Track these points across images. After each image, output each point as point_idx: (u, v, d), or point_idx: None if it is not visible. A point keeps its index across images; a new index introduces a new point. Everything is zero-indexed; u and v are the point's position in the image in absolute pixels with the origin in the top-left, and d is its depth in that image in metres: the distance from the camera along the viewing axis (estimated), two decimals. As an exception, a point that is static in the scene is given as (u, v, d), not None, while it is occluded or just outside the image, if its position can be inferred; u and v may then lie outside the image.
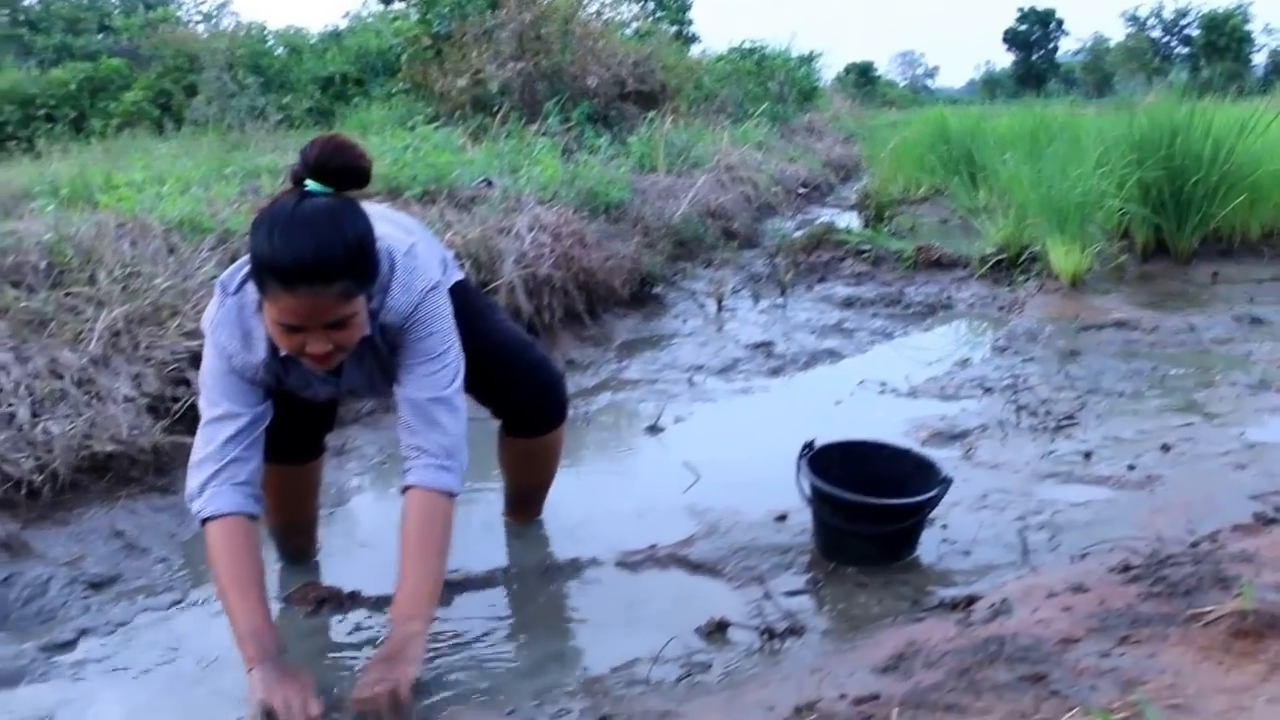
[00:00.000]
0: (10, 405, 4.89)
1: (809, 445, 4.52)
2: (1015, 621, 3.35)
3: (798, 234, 11.32)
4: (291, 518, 4.46)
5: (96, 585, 4.37)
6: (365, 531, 4.94)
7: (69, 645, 3.97)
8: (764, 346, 7.78)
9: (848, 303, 9.09)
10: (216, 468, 3.57)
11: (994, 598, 3.64)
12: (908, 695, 2.95)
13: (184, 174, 8.70)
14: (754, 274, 10.03)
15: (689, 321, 8.70)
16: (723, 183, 12.16)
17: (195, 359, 5.28)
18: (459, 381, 3.76)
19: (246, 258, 3.52)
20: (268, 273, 3.27)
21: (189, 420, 5.24)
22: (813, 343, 7.93)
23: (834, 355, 7.69)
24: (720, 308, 8.97)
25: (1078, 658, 3.01)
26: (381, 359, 3.82)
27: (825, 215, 12.83)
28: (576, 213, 8.73)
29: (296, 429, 4.07)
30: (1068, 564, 4.01)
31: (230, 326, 3.60)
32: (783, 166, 14.54)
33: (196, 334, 5.45)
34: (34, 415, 4.91)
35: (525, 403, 4.35)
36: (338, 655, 3.86)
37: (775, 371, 7.30)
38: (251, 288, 3.52)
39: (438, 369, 3.70)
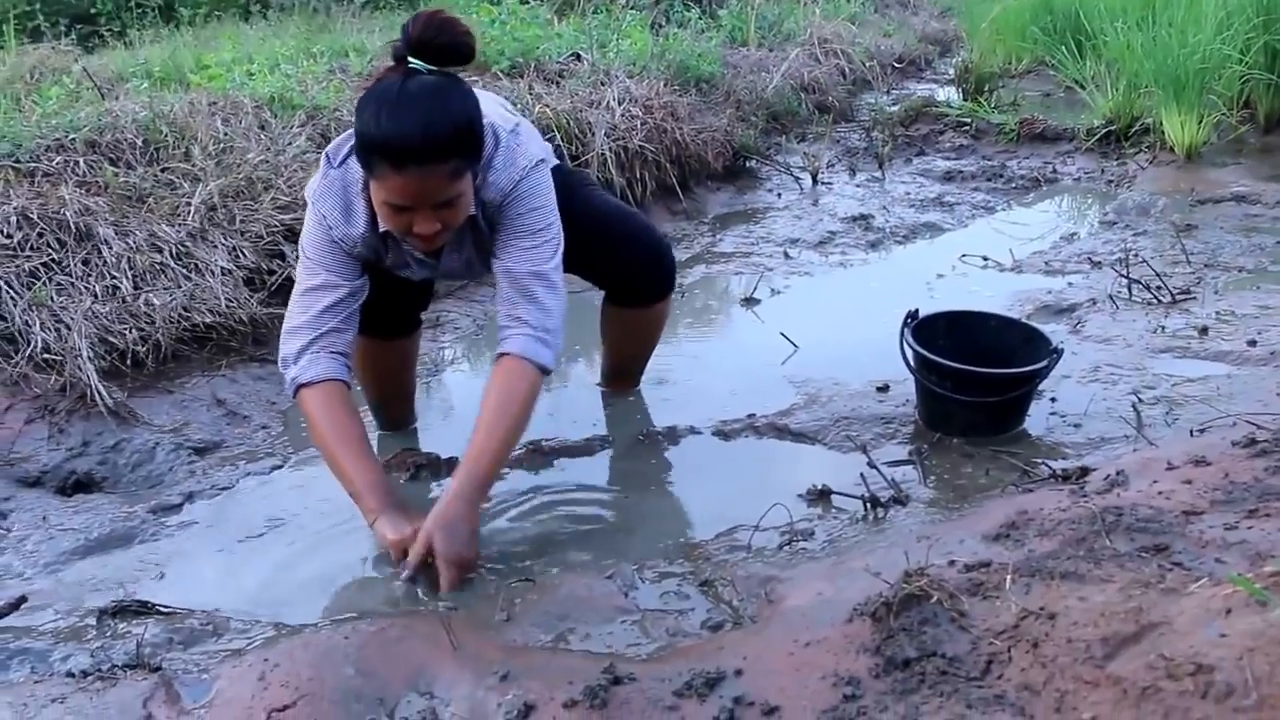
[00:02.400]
0: (113, 278, 4.95)
1: (913, 314, 4.44)
2: (1133, 493, 3.27)
3: (894, 108, 11.14)
4: (389, 389, 4.50)
5: (200, 451, 4.49)
6: (460, 400, 4.95)
7: (176, 508, 4.08)
8: (861, 220, 7.66)
9: (948, 176, 8.92)
10: (312, 336, 3.59)
11: (1109, 469, 3.57)
12: (1021, 563, 2.90)
13: (273, 54, 8.65)
14: (850, 148, 9.88)
15: (784, 195, 8.57)
16: (816, 56, 11.98)
17: (289, 233, 5.38)
18: (558, 259, 3.74)
19: (351, 133, 3.51)
20: (376, 153, 3.27)
21: (284, 293, 5.22)
22: (912, 216, 7.81)
23: (934, 229, 7.58)
24: (816, 181, 8.84)
25: (1201, 530, 2.94)
26: (481, 240, 3.82)
27: (922, 90, 12.62)
28: (667, 86, 8.60)
29: (394, 304, 4.06)
30: (1186, 438, 3.91)
31: (333, 197, 3.61)
32: (877, 41, 14.30)
33: (290, 207, 5.52)
34: (136, 288, 4.97)
35: (631, 272, 4.30)
36: (426, 511, 3.79)
37: (873, 245, 7.21)
38: (354, 161, 3.53)
39: (538, 243, 3.69)
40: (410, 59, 3.36)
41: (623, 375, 4.80)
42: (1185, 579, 2.62)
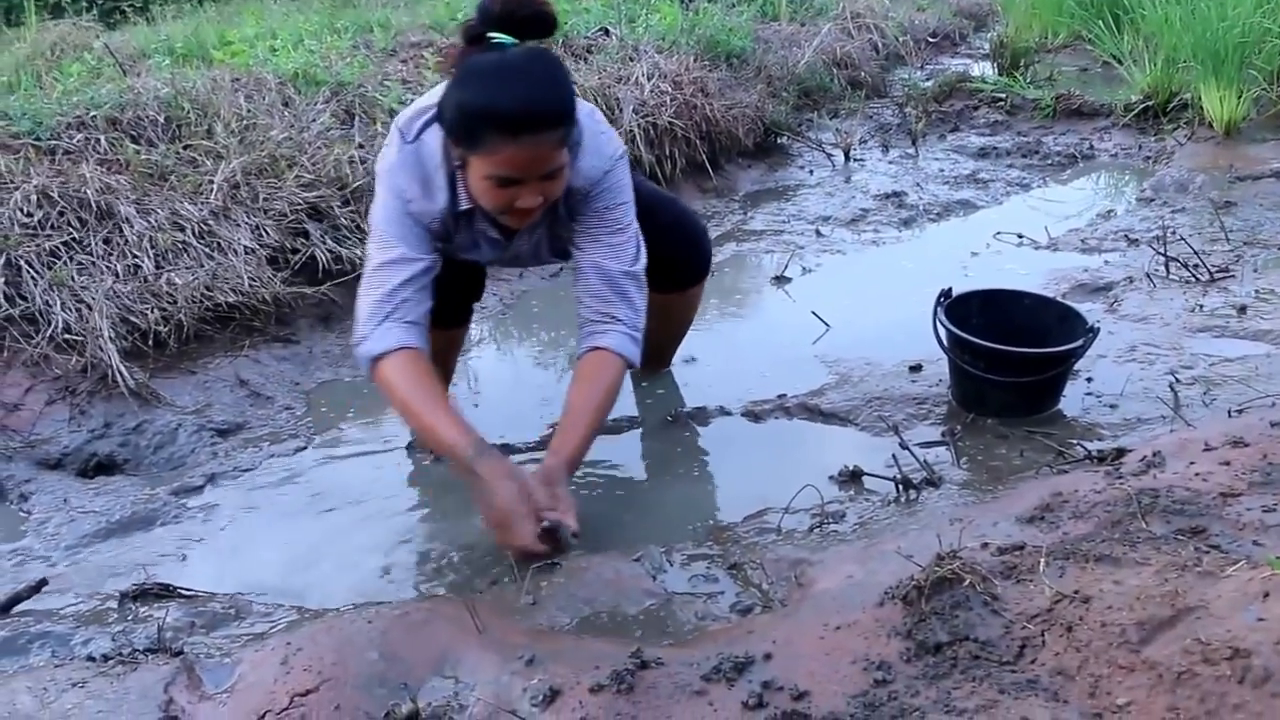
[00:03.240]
0: (135, 257, 4.96)
1: (946, 293, 4.43)
2: (1169, 475, 3.26)
3: (928, 83, 11.07)
4: None
5: (223, 432, 4.52)
6: (487, 382, 4.97)
7: (198, 490, 4.11)
8: (894, 197, 7.61)
9: (982, 153, 8.86)
10: (388, 310, 3.58)
11: (1145, 451, 3.54)
12: (1056, 545, 2.91)
13: (296, 29, 8.65)
14: (883, 124, 9.82)
15: (815, 172, 8.54)
16: (848, 31, 11.90)
17: (313, 211, 5.39)
18: (644, 256, 3.81)
19: (424, 105, 3.58)
20: (488, 124, 3.27)
21: (308, 272, 5.32)
22: (946, 193, 7.76)
23: (968, 206, 7.53)
24: (848, 158, 8.79)
25: (1239, 512, 2.94)
26: (556, 225, 3.85)
27: (957, 65, 12.53)
28: (697, 61, 8.56)
29: (450, 293, 4.02)
30: (1224, 419, 3.87)
31: (409, 171, 3.60)
32: (911, 15, 14.20)
33: (314, 185, 5.57)
34: (158, 267, 4.98)
35: (671, 256, 4.27)
36: (455, 496, 3.89)
37: (907, 222, 7.16)
38: (431, 137, 3.55)
39: (625, 240, 3.76)
40: (492, 34, 3.37)
41: (654, 357, 4.75)
42: (1222, 562, 2.61)
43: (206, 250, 5.14)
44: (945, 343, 4.32)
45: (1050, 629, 2.56)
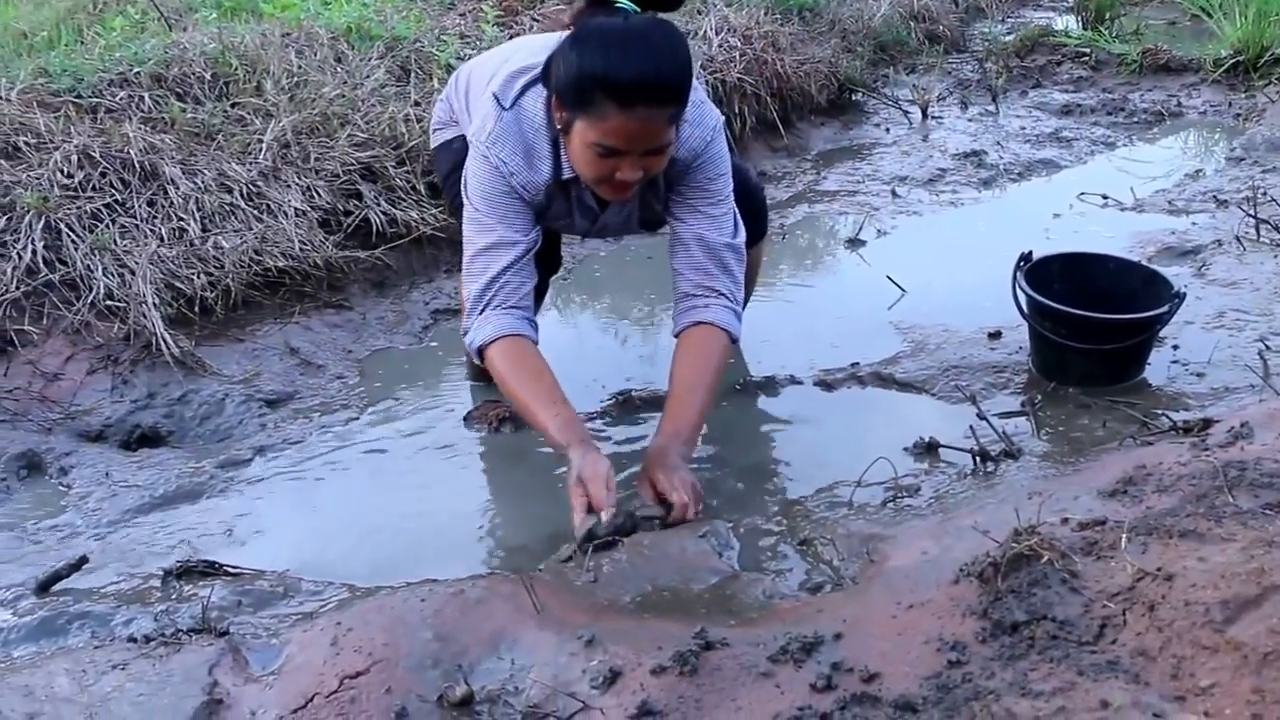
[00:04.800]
0: (180, 220, 4.96)
1: (1026, 257, 4.38)
2: (1257, 446, 3.21)
3: (1009, 37, 10.96)
4: None
5: (272, 403, 4.50)
6: (548, 349, 4.91)
7: (246, 462, 4.10)
8: (974, 156, 7.53)
9: (1065, 110, 8.74)
10: (488, 298, 3.59)
11: (1233, 421, 3.49)
12: (1138, 520, 2.88)
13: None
14: (962, 80, 9.70)
15: (891, 130, 8.44)
16: (928, -19, 11.86)
17: (367, 171, 5.40)
18: (743, 229, 3.81)
19: (518, 68, 3.59)
20: (603, 90, 3.24)
21: (361, 234, 5.31)
22: (1027, 152, 7.67)
23: (1051, 165, 7.44)
24: (926, 115, 8.68)
25: (1335, 486, 2.88)
26: (651, 196, 3.82)
27: (1039, 17, 12.40)
28: (768, 15, 8.48)
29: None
30: (1318, 390, 3.83)
31: (511, 142, 3.58)
32: (993, -36, 14.13)
33: (368, 144, 5.56)
34: (204, 230, 4.98)
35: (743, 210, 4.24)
36: (509, 466, 3.98)
37: (986, 183, 7.09)
38: (531, 101, 3.55)
39: (725, 213, 3.76)
40: (618, 1, 3.39)
41: None
42: (1314, 540, 2.57)
43: (255, 212, 5.14)
44: (1025, 309, 4.28)
45: (1131, 608, 2.53)
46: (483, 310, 3.58)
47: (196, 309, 4.74)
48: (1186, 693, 2.29)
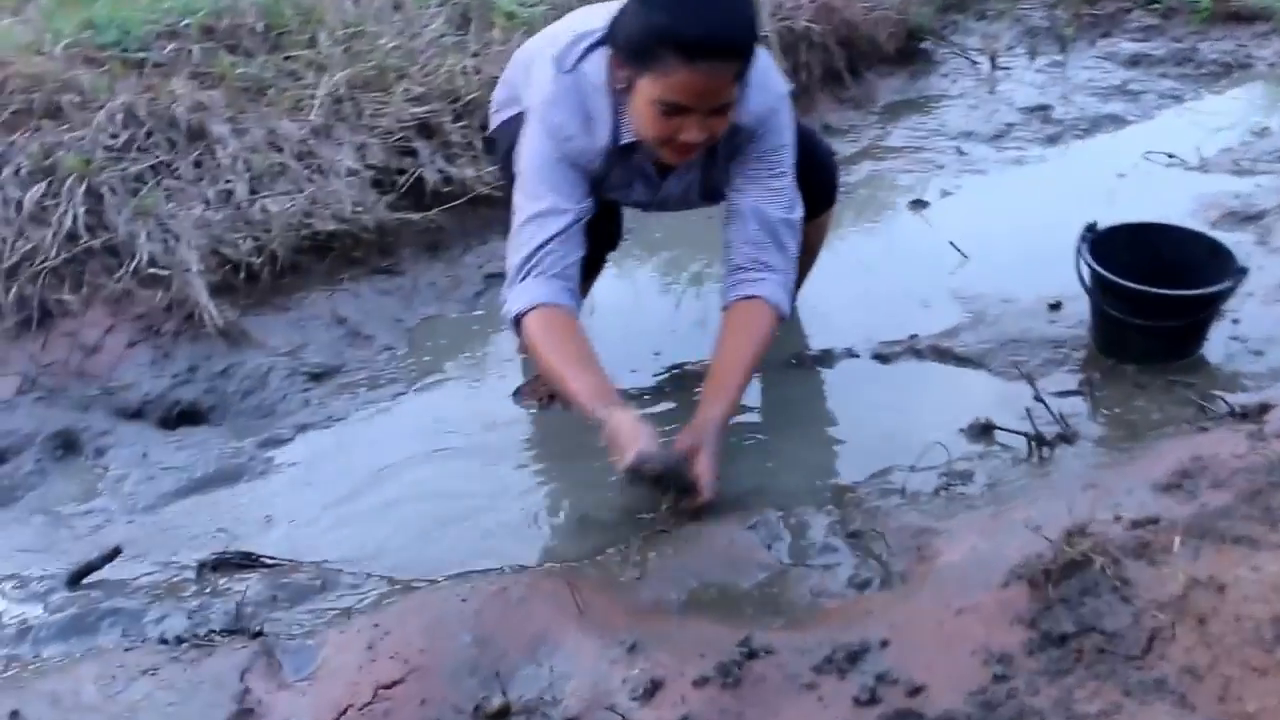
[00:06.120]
0: (228, 181, 4.88)
1: (1091, 227, 4.27)
2: (1317, 438, 3.15)
3: (1083, -25, 10.84)
4: None
5: (317, 376, 4.43)
6: (597, 327, 4.82)
7: (288, 442, 4.05)
8: (1040, 110, 7.39)
9: (1134, 60, 8.56)
10: (529, 267, 3.55)
11: (1291, 406, 3.44)
12: (1192, 521, 2.83)
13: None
14: (1031, 27, 9.53)
15: (959, 81, 8.26)
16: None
17: (423, 128, 5.35)
18: (801, 205, 3.78)
19: (581, 32, 3.55)
20: (668, 44, 3.22)
21: (415, 195, 5.25)
22: (1094, 106, 7.52)
23: (1117, 121, 7.29)
24: (994, 65, 8.50)
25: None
26: (712, 165, 3.78)
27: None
28: (837, -42, 8.38)
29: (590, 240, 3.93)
30: (1378, 369, 3.76)
31: (568, 106, 3.54)
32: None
33: (425, 98, 5.48)
34: (252, 192, 4.87)
35: (804, 182, 4.13)
36: (561, 447, 3.92)
37: (1052, 139, 6.93)
38: (591, 65, 3.51)
39: (785, 185, 3.73)
40: None
41: None
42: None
43: (306, 172, 5.04)
44: (1089, 283, 4.17)
45: (1182, 620, 2.48)
46: (523, 279, 3.54)
47: (242, 276, 4.66)
48: (1233, 717, 2.25)
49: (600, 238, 3.99)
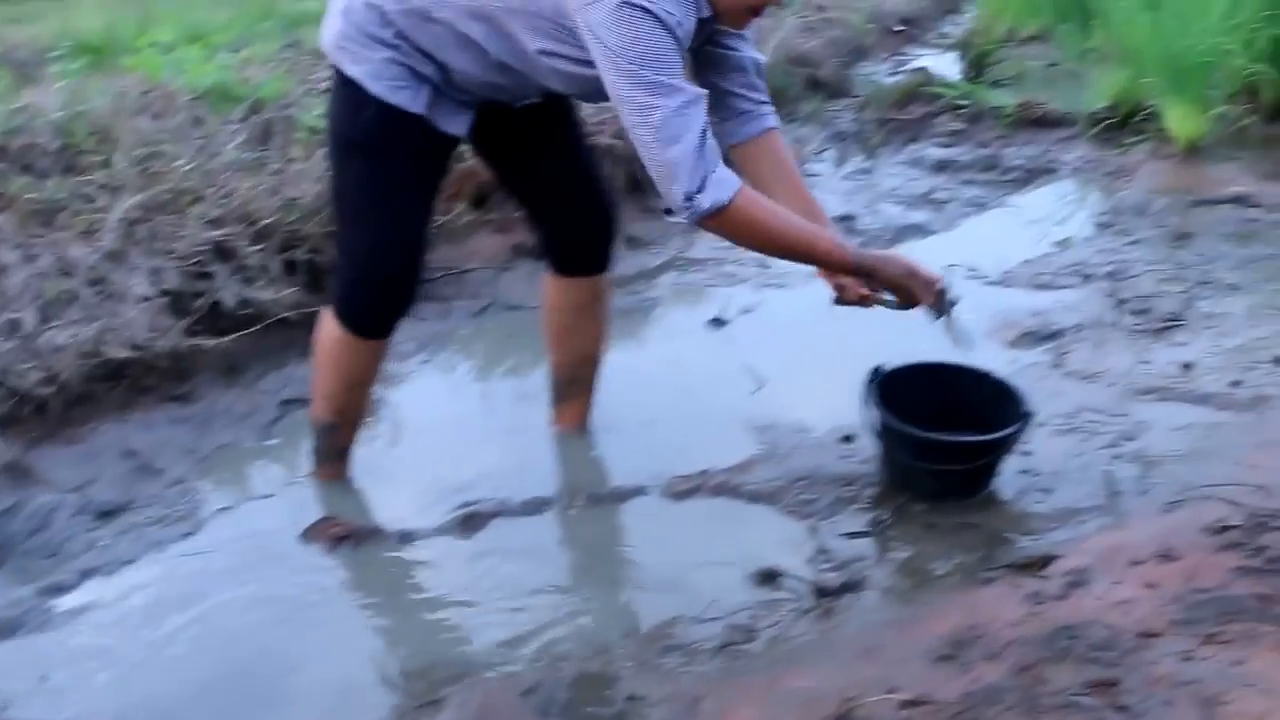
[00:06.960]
0: (16, 311, 4.80)
1: (876, 370, 4.34)
2: (1091, 601, 3.24)
3: (890, 80, 10.99)
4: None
5: (105, 514, 4.29)
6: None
7: (70, 588, 3.89)
8: (845, 221, 7.47)
9: (940, 166, 8.76)
10: (708, 155, 3.49)
11: (1072, 562, 3.52)
12: (961, 700, 2.86)
13: (219, 29, 8.50)
14: (839, 131, 9.69)
15: (767, 189, 8.38)
16: (811, 25, 11.80)
17: (219, 250, 5.32)
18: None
19: None
20: None
21: (211, 320, 5.19)
22: (899, 215, 7.69)
23: (921, 231, 7.45)
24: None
25: (1155, 659, 2.90)
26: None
27: (923, 56, 12.48)
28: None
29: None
30: (1157, 515, 3.84)
31: None
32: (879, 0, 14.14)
33: (222, 221, 5.45)
34: (42, 321, 4.81)
35: (589, 225, 4.42)
36: (354, 600, 3.93)
37: (854, 250, 7.02)
38: None
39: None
40: None
41: (574, 390, 4.72)
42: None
43: (97, 299, 5.01)
44: (876, 428, 4.24)
45: None
46: (712, 167, 3.48)
47: (29, 409, 4.60)
48: None
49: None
